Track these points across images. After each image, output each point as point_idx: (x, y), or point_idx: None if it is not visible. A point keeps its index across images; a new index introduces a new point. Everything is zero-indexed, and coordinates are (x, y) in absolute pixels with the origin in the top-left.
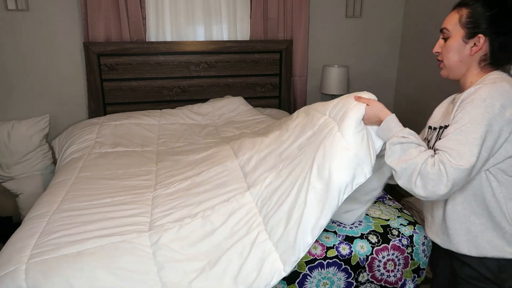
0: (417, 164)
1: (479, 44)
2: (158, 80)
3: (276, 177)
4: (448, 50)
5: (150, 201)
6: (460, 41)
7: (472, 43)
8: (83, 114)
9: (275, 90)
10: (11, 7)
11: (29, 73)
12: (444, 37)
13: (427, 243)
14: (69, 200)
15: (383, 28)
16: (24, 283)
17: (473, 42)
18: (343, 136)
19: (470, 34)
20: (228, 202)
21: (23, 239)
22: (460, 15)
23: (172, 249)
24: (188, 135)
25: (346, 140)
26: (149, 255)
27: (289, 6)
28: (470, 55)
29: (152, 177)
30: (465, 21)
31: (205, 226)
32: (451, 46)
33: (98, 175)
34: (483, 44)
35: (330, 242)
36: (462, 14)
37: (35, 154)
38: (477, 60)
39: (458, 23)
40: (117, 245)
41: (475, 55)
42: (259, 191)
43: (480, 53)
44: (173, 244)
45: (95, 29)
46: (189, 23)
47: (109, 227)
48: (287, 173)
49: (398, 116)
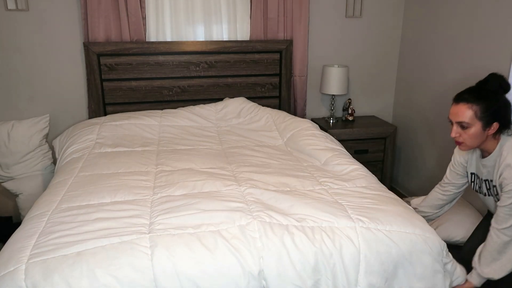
0: None
1: (494, 127)
2: (158, 80)
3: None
4: (470, 137)
5: (149, 202)
6: (480, 130)
7: (490, 128)
8: (83, 114)
9: (275, 90)
10: (11, 7)
11: (29, 73)
12: (462, 127)
13: None
14: (68, 199)
15: (383, 28)
16: (24, 283)
17: (490, 128)
18: None
19: (487, 124)
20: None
21: (23, 239)
22: (474, 111)
23: (171, 254)
24: (188, 136)
25: None
26: (148, 257)
27: (289, 6)
28: (488, 134)
29: (151, 178)
30: (481, 116)
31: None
32: (473, 134)
33: (98, 174)
34: (496, 126)
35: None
36: (475, 110)
37: (35, 154)
38: (491, 134)
39: (474, 117)
40: (117, 246)
41: (491, 133)
42: None
43: (494, 131)
44: (173, 249)
45: (95, 29)
46: (189, 23)
47: (109, 227)
48: None
49: (398, 115)
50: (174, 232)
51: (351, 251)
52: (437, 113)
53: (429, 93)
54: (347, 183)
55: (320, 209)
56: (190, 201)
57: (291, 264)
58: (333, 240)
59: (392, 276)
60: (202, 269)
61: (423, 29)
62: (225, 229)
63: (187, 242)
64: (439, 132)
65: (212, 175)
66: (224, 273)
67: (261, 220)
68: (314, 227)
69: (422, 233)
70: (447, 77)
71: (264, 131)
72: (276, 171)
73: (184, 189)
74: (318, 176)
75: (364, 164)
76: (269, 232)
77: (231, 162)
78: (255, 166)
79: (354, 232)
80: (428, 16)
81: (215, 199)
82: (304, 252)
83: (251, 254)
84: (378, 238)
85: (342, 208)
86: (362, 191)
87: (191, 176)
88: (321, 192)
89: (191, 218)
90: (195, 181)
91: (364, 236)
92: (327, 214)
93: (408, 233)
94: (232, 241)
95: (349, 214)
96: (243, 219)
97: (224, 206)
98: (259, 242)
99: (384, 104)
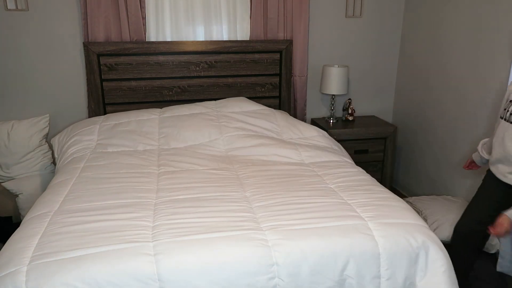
0: None
1: None
2: (158, 80)
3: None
4: None
5: (152, 205)
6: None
7: None
8: (83, 114)
9: (275, 90)
10: (11, 7)
11: (29, 73)
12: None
13: None
14: (71, 200)
15: (383, 28)
16: (24, 286)
17: None
18: None
19: None
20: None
21: (24, 239)
22: None
23: (176, 262)
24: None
25: None
26: (151, 264)
27: (289, 6)
28: None
29: (154, 180)
30: None
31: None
32: None
33: (100, 176)
34: None
35: None
36: None
37: (34, 154)
38: None
39: None
40: (120, 252)
41: None
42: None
43: None
44: (177, 257)
45: (95, 29)
46: (189, 23)
47: (112, 231)
48: None
49: (398, 115)
50: (179, 238)
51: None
52: (437, 113)
53: (429, 93)
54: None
55: (329, 210)
56: (194, 204)
57: (308, 268)
58: (348, 237)
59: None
60: (210, 279)
61: (423, 29)
62: (230, 235)
63: (192, 249)
64: (439, 132)
65: (215, 176)
66: (232, 281)
67: (271, 225)
68: (327, 227)
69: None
70: (447, 77)
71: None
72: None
73: (187, 191)
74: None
75: (364, 164)
76: (278, 236)
77: (234, 163)
78: (258, 165)
79: (367, 228)
80: (428, 16)
81: (218, 202)
82: (320, 253)
83: (263, 261)
84: (395, 231)
85: (350, 208)
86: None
87: (193, 177)
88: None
89: (195, 223)
90: (198, 183)
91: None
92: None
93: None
94: (241, 247)
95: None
96: (250, 224)
97: (229, 209)
98: (270, 248)
99: (384, 104)
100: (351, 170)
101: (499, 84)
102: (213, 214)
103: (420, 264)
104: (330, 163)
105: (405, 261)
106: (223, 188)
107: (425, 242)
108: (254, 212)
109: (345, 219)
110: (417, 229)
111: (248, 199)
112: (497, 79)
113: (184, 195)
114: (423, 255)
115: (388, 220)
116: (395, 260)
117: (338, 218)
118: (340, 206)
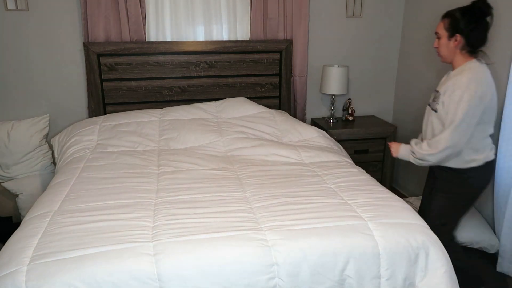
0: None
1: (458, 40)
2: (158, 80)
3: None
4: (440, 46)
5: (152, 206)
6: (446, 40)
7: (453, 40)
8: (83, 114)
9: (275, 90)
10: (11, 7)
11: (29, 73)
12: (437, 37)
13: None
14: (71, 200)
15: (383, 28)
16: (24, 286)
17: (454, 39)
18: None
19: (451, 35)
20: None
21: (24, 239)
22: (444, 23)
23: (176, 262)
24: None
25: None
26: (151, 264)
27: (289, 6)
28: (454, 47)
29: (154, 180)
30: (447, 27)
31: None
32: (442, 43)
33: (100, 176)
34: (460, 40)
35: None
36: (445, 22)
37: (34, 154)
38: (459, 49)
39: (443, 28)
40: (120, 252)
41: (457, 47)
42: None
43: (460, 45)
44: (177, 257)
45: (95, 29)
46: (189, 23)
47: (112, 231)
48: None
49: (398, 116)
50: (179, 239)
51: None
52: None
53: (429, 93)
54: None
55: (330, 210)
56: (194, 205)
57: (308, 268)
58: (348, 237)
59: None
60: (210, 279)
61: (423, 29)
62: (230, 235)
63: (192, 249)
64: None
65: (215, 176)
66: (232, 281)
67: (271, 225)
68: (327, 227)
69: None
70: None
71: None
72: (278, 169)
73: (187, 191)
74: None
75: (364, 164)
76: (278, 236)
77: (234, 163)
78: (258, 165)
79: (367, 228)
80: (428, 16)
81: (219, 202)
82: (320, 253)
83: (263, 261)
84: (394, 231)
85: (351, 208)
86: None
87: (193, 178)
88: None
89: (195, 223)
90: (198, 183)
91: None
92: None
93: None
94: (241, 247)
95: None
96: (250, 224)
97: (229, 210)
98: (270, 248)
99: (384, 104)
100: (351, 170)
101: (499, 84)
102: (213, 214)
103: (420, 264)
104: (330, 163)
105: (405, 261)
106: (223, 188)
107: (425, 242)
108: (254, 212)
109: (345, 219)
110: (417, 229)
111: (248, 199)
112: (497, 79)
113: (184, 195)
114: (423, 255)
115: (388, 220)
116: (395, 260)
117: (338, 218)
118: (340, 206)
